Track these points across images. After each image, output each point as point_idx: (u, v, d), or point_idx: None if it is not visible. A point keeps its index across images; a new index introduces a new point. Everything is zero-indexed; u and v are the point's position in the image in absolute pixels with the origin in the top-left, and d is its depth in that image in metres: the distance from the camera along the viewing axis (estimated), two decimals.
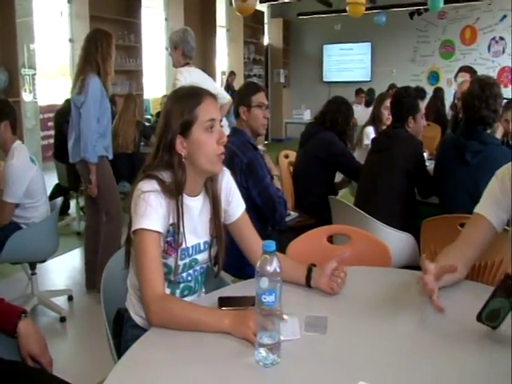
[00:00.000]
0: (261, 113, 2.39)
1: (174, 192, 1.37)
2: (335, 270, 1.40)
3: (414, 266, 1.97)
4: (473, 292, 1.41)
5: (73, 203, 5.05)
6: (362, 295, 1.43)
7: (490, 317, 1.20)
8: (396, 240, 2.44)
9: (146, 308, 1.27)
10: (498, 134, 3.20)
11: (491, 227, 1.49)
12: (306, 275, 1.44)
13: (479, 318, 1.21)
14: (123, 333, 1.48)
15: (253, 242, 1.53)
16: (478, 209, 1.53)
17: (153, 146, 1.45)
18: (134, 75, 7.65)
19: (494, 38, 9.73)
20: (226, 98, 3.82)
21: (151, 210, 1.33)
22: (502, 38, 9.66)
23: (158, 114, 7.04)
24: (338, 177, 3.36)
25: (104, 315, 1.48)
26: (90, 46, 3.10)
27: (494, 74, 9.45)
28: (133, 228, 1.34)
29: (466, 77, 4.40)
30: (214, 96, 1.43)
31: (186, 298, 1.48)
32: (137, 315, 1.47)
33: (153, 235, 1.33)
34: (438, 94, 6.64)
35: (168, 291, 1.44)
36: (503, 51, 9.67)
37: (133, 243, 1.37)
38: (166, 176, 1.39)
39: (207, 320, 1.22)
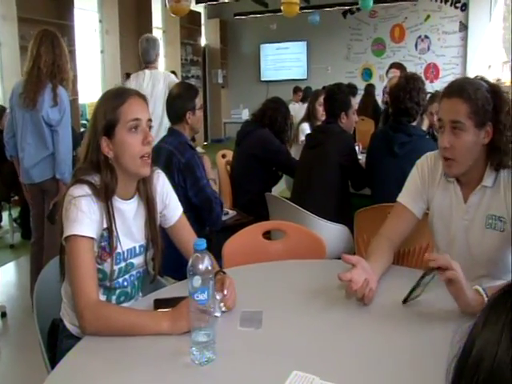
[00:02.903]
0: (201, 113, 2.46)
1: (104, 195, 1.35)
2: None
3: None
4: (400, 276, 1.48)
5: (5, 215, 4.78)
6: (296, 288, 1.47)
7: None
8: (331, 232, 2.51)
9: (80, 316, 1.24)
10: (424, 126, 3.38)
11: (412, 216, 1.57)
12: None
13: (405, 302, 1.30)
14: (58, 344, 1.44)
15: (192, 243, 1.52)
16: (400, 198, 1.61)
17: (83, 149, 1.42)
18: None
19: (419, 37, 10.22)
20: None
21: (82, 215, 1.30)
22: (426, 37, 10.17)
23: None
24: None
25: (37, 327, 1.43)
26: (48, 49, 2.78)
27: (421, 69, 9.93)
28: (64, 234, 1.31)
29: (396, 73, 4.59)
30: (140, 96, 1.41)
31: (122, 305, 1.46)
32: (72, 324, 1.43)
33: (85, 241, 1.30)
34: (370, 89, 6.90)
35: (104, 298, 1.42)
36: (428, 49, 10.19)
37: (65, 250, 1.34)
38: (97, 180, 1.37)
39: (144, 323, 1.21)
